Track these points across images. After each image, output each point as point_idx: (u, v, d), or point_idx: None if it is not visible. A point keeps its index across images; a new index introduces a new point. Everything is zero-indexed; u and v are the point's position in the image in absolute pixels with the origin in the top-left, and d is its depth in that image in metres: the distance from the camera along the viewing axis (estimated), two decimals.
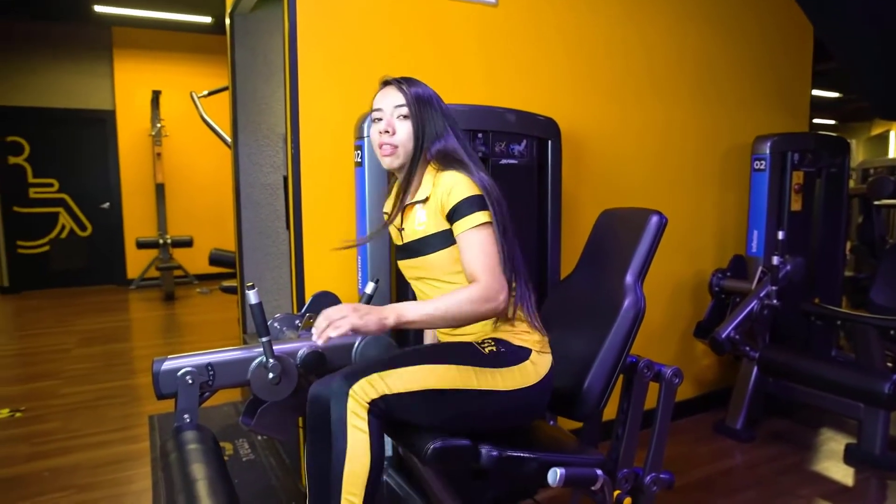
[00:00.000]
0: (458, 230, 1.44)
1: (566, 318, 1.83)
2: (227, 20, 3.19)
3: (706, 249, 3.13)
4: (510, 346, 1.48)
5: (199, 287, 7.01)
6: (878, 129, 11.37)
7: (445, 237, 1.48)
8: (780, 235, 2.73)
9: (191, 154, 7.24)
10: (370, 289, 1.86)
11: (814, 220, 3.16)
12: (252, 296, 1.58)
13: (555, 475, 1.39)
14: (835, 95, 8.86)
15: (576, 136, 2.61)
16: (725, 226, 3.19)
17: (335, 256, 2.16)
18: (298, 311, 2.02)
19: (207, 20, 6.27)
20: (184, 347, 4.08)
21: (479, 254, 1.40)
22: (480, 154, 2.09)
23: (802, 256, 2.82)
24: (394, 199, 1.62)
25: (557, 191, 2.28)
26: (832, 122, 11.59)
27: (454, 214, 1.44)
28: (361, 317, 1.27)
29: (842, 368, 2.62)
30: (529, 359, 1.48)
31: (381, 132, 1.52)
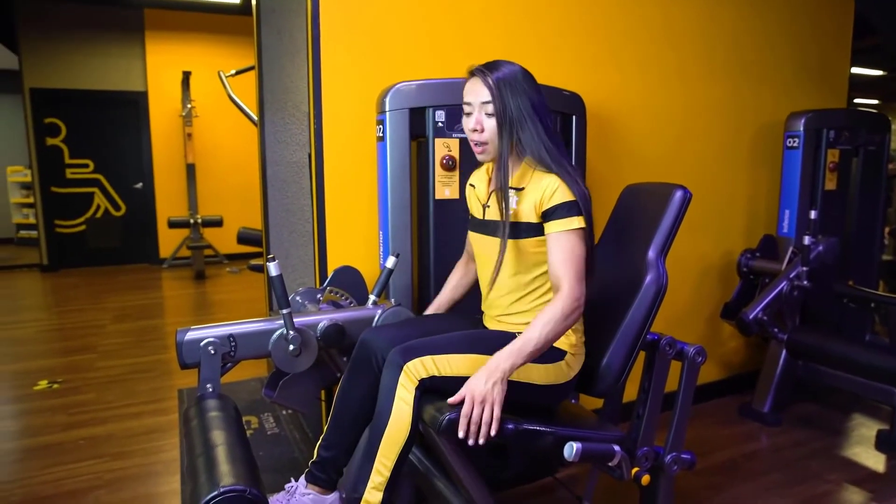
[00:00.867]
0: (553, 229, 1.50)
1: (587, 293, 1.81)
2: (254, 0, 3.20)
3: (735, 230, 3.05)
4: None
5: (229, 266, 7.13)
6: None
7: (528, 229, 1.55)
8: (813, 215, 2.65)
9: (220, 134, 7.33)
10: (391, 263, 1.87)
11: (849, 201, 3.06)
12: (272, 268, 1.60)
13: (571, 449, 1.39)
14: (878, 73, 8.52)
15: (600, 113, 2.56)
16: (756, 206, 3.11)
17: (357, 231, 2.17)
18: (321, 286, 2.04)
19: (236, 0, 6.30)
20: None
21: (568, 258, 1.48)
22: None
23: (836, 237, 2.74)
24: (487, 179, 1.69)
25: (582, 167, 2.25)
26: (875, 102, 11.18)
27: (552, 214, 1.50)
28: (493, 386, 1.37)
29: (876, 351, 2.55)
30: (564, 360, 1.58)
31: (471, 129, 1.56)
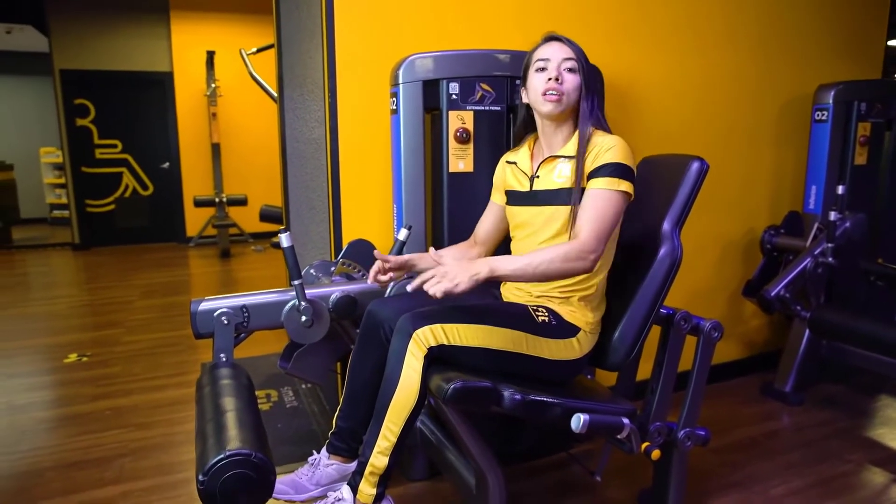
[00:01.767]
0: (595, 184, 1.50)
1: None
2: None
3: (760, 206, 2.98)
4: (561, 321, 1.58)
5: (254, 245, 7.22)
6: None
7: (581, 193, 1.54)
8: (840, 190, 2.57)
9: (245, 114, 7.38)
10: (403, 235, 1.87)
11: (881, 176, 2.96)
12: (284, 239, 1.61)
13: (578, 420, 1.38)
14: None
15: (619, 85, 2.50)
16: (782, 182, 3.03)
17: (372, 205, 2.17)
18: (335, 259, 2.05)
19: None
20: None
21: (597, 215, 1.47)
22: (519, 102, 2.04)
23: (865, 213, 2.66)
24: (529, 153, 1.70)
25: None
26: None
27: (600, 170, 1.50)
28: (459, 275, 1.34)
29: None
30: (576, 336, 1.58)
31: (550, 79, 1.56)
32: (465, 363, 1.45)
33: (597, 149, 1.53)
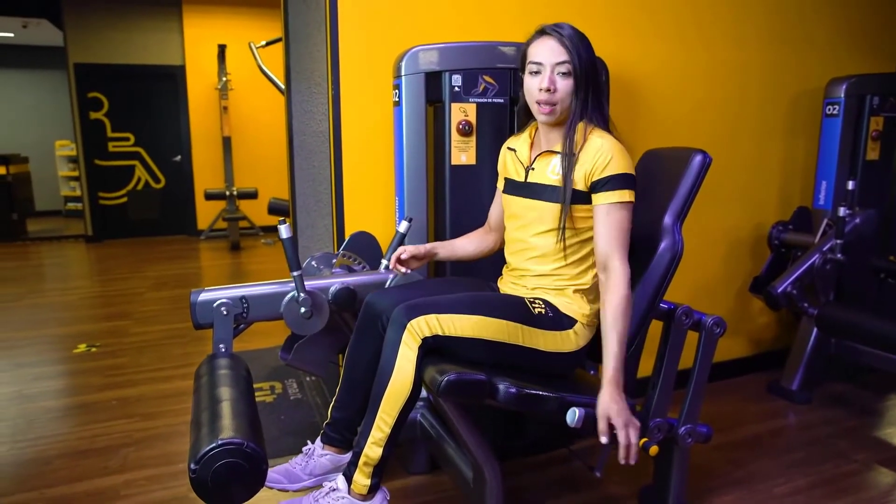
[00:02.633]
0: (603, 200, 1.49)
1: None
2: None
3: (769, 201, 2.94)
4: (558, 313, 1.57)
5: (264, 238, 7.25)
6: None
7: (577, 197, 1.53)
8: (851, 185, 2.52)
9: (255, 107, 7.40)
10: (403, 227, 1.87)
11: (894, 171, 2.90)
12: (283, 230, 1.61)
13: (573, 415, 1.37)
14: None
15: (623, 77, 2.47)
16: (792, 177, 2.98)
17: (375, 197, 2.17)
18: (338, 251, 2.05)
19: None
20: None
21: (617, 233, 1.47)
22: (520, 88, 2.03)
23: (876, 209, 2.61)
24: (529, 142, 1.67)
25: None
26: None
27: (605, 184, 1.48)
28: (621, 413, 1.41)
29: None
30: (573, 328, 1.57)
31: (542, 89, 1.51)
32: (461, 354, 1.44)
33: (595, 155, 1.49)
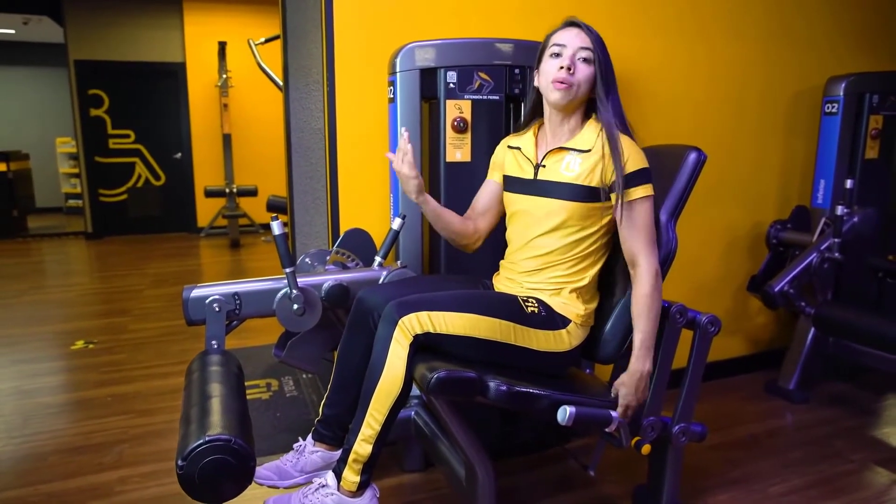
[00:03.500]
0: (627, 197, 1.50)
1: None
2: None
3: (767, 200, 2.93)
4: (551, 312, 1.56)
5: (264, 235, 7.25)
6: None
7: (588, 194, 1.54)
8: (849, 184, 2.51)
9: (255, 104, 7.39)
10: (397, 224, 1.86)
11: (893, 170, 2.89)
12: (275, 227, 1.61)
13: (564, 413, 1.36)
14: None
15: (625, 75, 2.46)
16: (791, 176, 2.97)
17: (370, 194, 2.17)
18: (333, 247, 2.05)
19: None
20: None
21: (643, 228, 1.51)
22: (518, 91, 2.02)
23: (875, 208, 2.60)
24: (534, 140, 1.67)
25: None
26: None
27: (627, 181, 1.50)
28: (637, 394, 1.53)
29: None
30: (566, 328, 1.56)
31: (562, 67, 1.52)
32: (452, 352, 1.44)
33: (612, 153, 1.51)
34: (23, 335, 3.70)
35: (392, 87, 1.96)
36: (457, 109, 1.96)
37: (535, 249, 1.60)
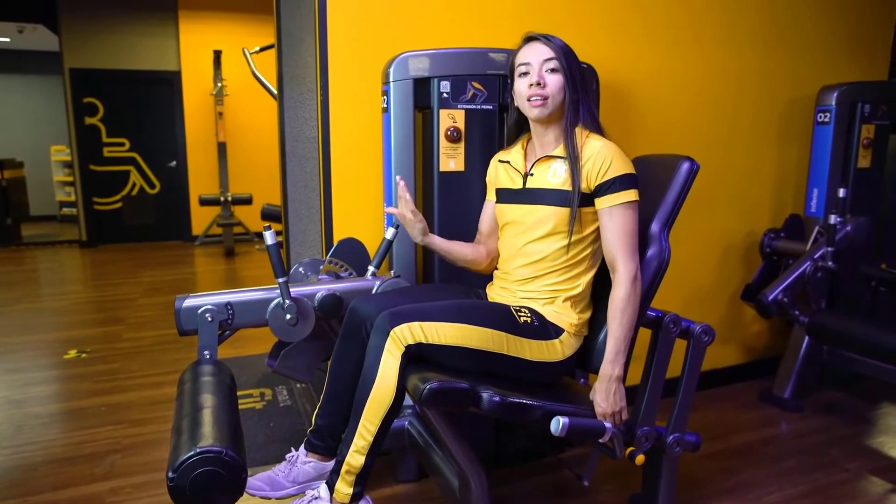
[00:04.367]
0: (608, 203, 1.51)
1: None
2: None
3: (761, 209, 2.94)
4: (544, 322, 1.56)
5: (259, 244, 7.23)
6: None
7: (575, 198, 1.54)
8: (842, 193, 2.52)
9: (251, 113, 7.40)
10: (390, 234, 1.86)
11: (885, 179, 2.91)
12: (268, 237, 1.60)
13: (557, 424, 1.36)
14: None
15: (614, 84, 2.47)
16: (785, 185, 2.98)
17: (364, 203, 2.16)
18: (326, 257, 2.04)
19: None
20: None
21: (623, 234, 1.50)
22: (510, 102, 2.02)
23: (868, 217, 2.61)
24: (522, 152, 1.70)
25: None
26: None
27: (610, 186, 1.50)
28: (609, 399, 1.50)
29: None
30: (559, 338, 1.57)
31: (531, 84, 1.55)
32: (445, 362, 1.43)
33: (594, 158, 1.52)
34: (15, 344, 3.68)
35: (386, 97, 1.97)
36: (450, 119, 1.96)
37: (528, 256, 1.61)
